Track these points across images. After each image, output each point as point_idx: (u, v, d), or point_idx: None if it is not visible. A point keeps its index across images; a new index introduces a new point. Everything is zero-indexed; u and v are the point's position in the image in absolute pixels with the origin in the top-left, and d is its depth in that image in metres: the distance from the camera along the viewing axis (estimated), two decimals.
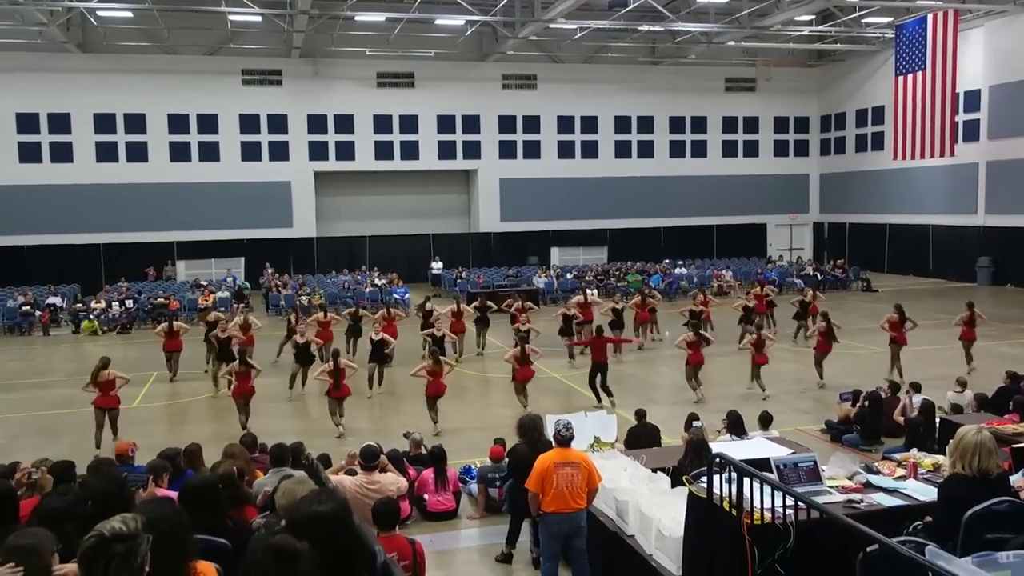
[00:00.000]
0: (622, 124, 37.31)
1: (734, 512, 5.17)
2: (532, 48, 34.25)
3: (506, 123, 36.05)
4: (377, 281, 29.53)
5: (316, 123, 34.03)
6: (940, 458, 6.83)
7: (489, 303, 20.40)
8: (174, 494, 5.36)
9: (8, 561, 3.26)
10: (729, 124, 38.60)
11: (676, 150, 38.08)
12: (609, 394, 14.55)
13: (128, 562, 2.80)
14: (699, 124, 38.26)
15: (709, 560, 5.48)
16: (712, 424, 10.34)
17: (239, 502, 5.93)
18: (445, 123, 35.34)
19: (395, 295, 27.79)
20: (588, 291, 22.37)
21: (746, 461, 5.38)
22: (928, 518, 5.13)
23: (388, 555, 5.86)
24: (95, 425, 12.75)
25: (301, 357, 16.12)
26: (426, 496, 9.59)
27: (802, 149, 39.86)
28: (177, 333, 17.48)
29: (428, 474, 9.69)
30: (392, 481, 7.58)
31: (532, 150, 36.45)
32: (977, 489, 4.68)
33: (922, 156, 29.05)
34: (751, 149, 39.03)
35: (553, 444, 7.18)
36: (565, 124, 36.70)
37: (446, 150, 35.50)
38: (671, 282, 29.98)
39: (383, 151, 34.76)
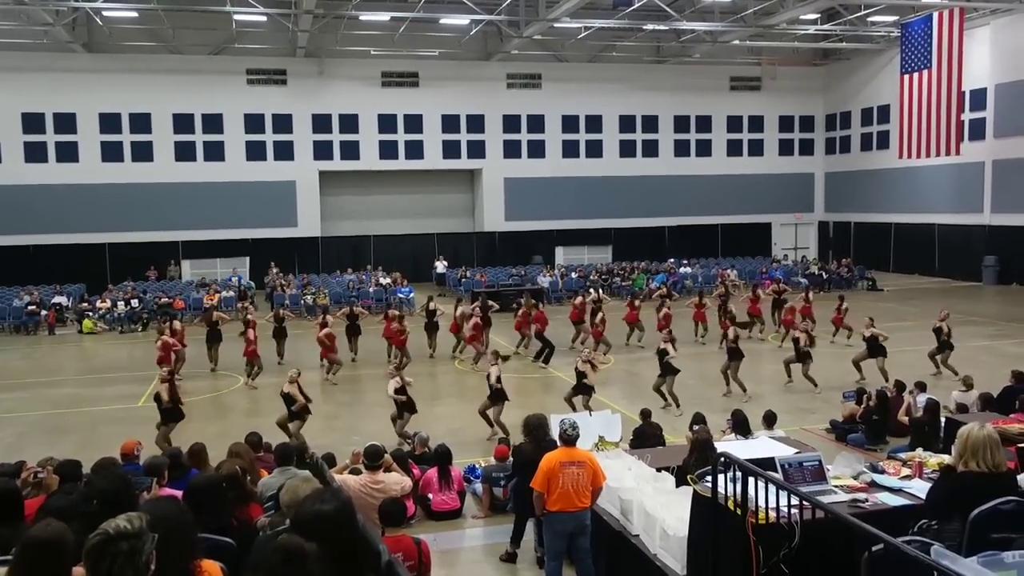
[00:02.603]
0: (627, 123, 37.28)
1: (739, 512, 5.16)
2: (536, 47, 34.24)
3: (511, 122, 36.04)
4: (381, 280, 29.56)
5: (321, 122, 34.08)
6: (945, 457, 6.80)
7: (491, 302, 20.36)
8: (179, 492, 5.37)
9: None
10: (734, 123, 38.54)
11: (681, 149, 38.04)
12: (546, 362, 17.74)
13: (133, 560, 2.81)
14: (704, 123, 38.20)
15: (714, 560, 5.48)
16: (717, 424, 10.33)
17: (244, 501, 5.94)
18: (449, 122, 35.35)
19: (399, 294, 27.83)
20: (592, 291, 22.34)
21: (751, 460, 5.37)
22: (923, 521, 5.08)
23: (393, 555, 5.88)
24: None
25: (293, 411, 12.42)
26: (430, 495, 9.60)
27: (807, 148, 39.78)
28: (179, 333, 17.56)
29: (432, 473, 9.70)
30: (396, 480, 7.60)
31: (537, 149, 36.43)
32: (990, 485, 4.66)
33: (928, 155, 28.96)
34: (756, 148, 38.95)
35: (558, 443, 7.18)
36: (570, 123, 36.68)
37: (451, 149, 35.52)
38: (675, 281, 29.92)
39: (387, 150, 34.79)
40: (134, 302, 26.02)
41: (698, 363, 17.78)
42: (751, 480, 5.10)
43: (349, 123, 34.33)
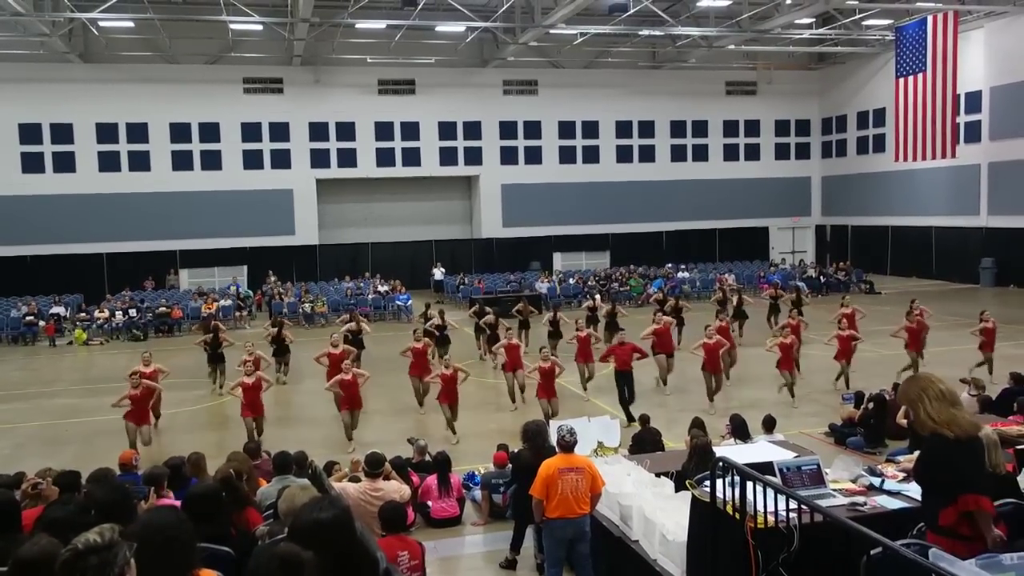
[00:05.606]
0: (623, 129, 37.33)
1: (738, 516, 5.17)
2: (533, 54, 34.29)
3: (507, 129, 36.09)
4: (380, 288, 29.56)
5: (318, 131, 34.10)
6: None
7: (487, 308, 20.10)
8: (177, 502, 5.37)
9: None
10: (730, 128, 38.61)
11: (677, 154, 38.09)
12: (628, 412, 13.67)
13: (104, 573, 2.70)
14: (700, 128, 38.27)
15: (713, 564, 5.48)
16: (716, 428, 10.32)
17: (240, 504, 5.93)
18: (446, 129, 35.39)
19: (398, 302, 27.84)
20: (590, 297, 22.31)
21: (750, 465, 5.38)
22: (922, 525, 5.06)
23: (400, 553, 5.89)
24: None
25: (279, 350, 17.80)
26: (430, 503, 9.58)
27: (803, 152, 39.85)
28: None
29: (432, 481, 9.68)
30: (395, 488, 7.59)
31: (533, 155, 36.47)
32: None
33: (924, 158, 29.01)
34: (752, 152, 39.02)
35: (557, 450, 7.18)
36: (566, 129, 36.72)
37: (448, 156, 35.55)
38: (673, 286, 29.95)
39: (385, 158, 34.81)
40: (132, 311, 25.99)
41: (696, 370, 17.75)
42: (750, 484, 5.11)
43: (346, 131, 34.36)
